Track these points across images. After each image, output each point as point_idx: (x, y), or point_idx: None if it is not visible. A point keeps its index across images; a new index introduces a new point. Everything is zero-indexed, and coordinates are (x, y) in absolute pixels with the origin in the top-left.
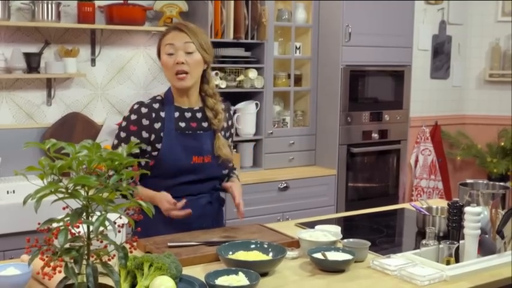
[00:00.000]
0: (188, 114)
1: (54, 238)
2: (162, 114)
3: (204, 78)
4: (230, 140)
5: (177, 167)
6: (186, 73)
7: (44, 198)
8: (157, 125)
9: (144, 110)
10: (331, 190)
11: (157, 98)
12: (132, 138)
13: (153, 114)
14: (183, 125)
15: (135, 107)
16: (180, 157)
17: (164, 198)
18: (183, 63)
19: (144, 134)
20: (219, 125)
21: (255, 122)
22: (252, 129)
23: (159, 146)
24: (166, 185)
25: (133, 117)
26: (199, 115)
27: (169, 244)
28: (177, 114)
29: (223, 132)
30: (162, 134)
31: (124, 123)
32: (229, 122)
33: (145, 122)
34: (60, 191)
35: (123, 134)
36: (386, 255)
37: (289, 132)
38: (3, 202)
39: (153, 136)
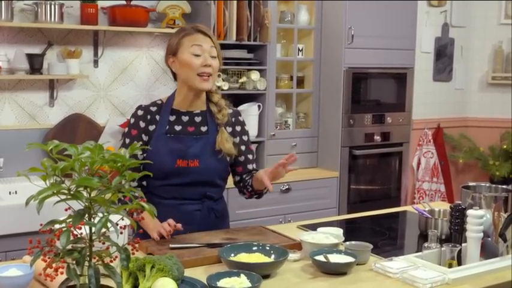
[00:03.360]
0: (185, 118)
1: (56, 239)
2: (158, 117)
3: None
4: (245, 147)
5: (162, 169)
6: (210, 75)
7: (46, 200)
8: (151, 127)
9: (140, 112)
10: (333, 192)
11: (157, 101)
12: (137, 144)
13: (149, 117)
14: (178, 128)
15: (134, 111)
16: (164, 160)
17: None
18: (210, 65)
19: (144, 137)
20: (223, 120)
21: (257, 124)
22: (254, 131)
23: (148, 147)
24: (154, 185)
25: (132, 120)
26: (198, 119)
27: (171, 246)
28: (173, 117)
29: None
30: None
31: (127, 129)
32: (238, 128)
33: (142, 124)
34: (63, 193)
35: (127, 141)
36: (389, 258)
37: (292, 134)
38: (6, 203)
39: (147, 138)
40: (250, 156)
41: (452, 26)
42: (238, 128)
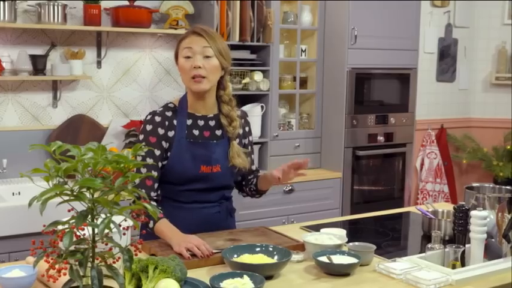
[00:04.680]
0: (201, 122)
1: (59, 240)
2: (175, 122)
3: (221, 85)
4: (250, 147)
5: (185, 175)
6: (203, 77)
7: (49, 201)
8: (171, 133)
9: (158, 118)
10: (337, 193)
11: (169, 105)
12: (156, 151)
13: (167, 123)
14: (196, 133)
15: (148, 117)
16: (188, 166)
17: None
18: (200, 67)
19: (164, 144)
20: (234, 133)
21: (261, 125)
22: (257, 132)
23: (169, 154)
24: (175, 190)
25: (149, 127)
26: (212, 123)
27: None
28: (190, 121)
29: (238, 140)
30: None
31: (142, 136)
32: (246, 129)
33: (160, 131)
34: (66, 194)
35: (145, 149)
36: (392, 259)
37: (295, 135)
38: (9, 204)
39: (167, 145)
40: (253, 157)
41: (456, 27)
42: (247, 129)
